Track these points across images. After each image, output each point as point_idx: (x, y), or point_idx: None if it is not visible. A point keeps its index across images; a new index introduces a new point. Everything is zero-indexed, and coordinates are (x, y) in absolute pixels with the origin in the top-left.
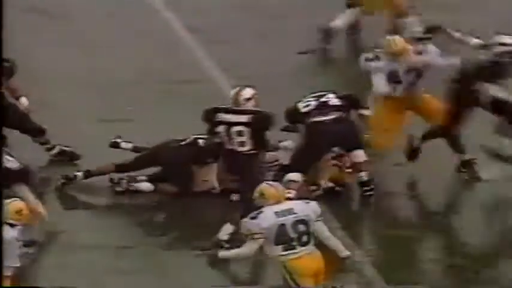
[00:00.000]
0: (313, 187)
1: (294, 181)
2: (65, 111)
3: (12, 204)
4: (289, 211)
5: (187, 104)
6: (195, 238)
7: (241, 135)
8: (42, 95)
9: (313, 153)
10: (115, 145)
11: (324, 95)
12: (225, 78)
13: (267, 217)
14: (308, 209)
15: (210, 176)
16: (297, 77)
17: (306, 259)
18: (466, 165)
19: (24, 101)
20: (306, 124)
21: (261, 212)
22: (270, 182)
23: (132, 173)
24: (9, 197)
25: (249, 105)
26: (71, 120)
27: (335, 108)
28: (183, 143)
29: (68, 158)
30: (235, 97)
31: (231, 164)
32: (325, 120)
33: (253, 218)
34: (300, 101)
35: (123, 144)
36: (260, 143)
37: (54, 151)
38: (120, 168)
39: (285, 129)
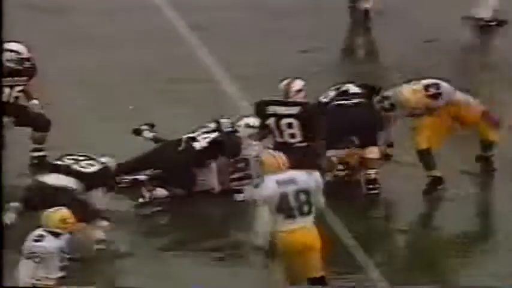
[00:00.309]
0: (341, 166)
1: None
2: (64, 109)
3: (57, 213)
4: (292, 180)
5: (188, 103)
6: (195, 238)
7: (291, 127)
8: (42, 93)
9: (333, 136)
10: (137, 132)
11: (343, 86)
12: (226, 77)
13: (269, 186)
14: (310, 179)
15: (209, 176)
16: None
17: (299, 233)
18: (482, 159)
19: (35, 103)
20: (327, 110)
21: (263, 181)
22: (271, 152)
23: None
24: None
25: (300, 97)
26: (70, 118)
27: (356, 95)
28: (181, 148)
29: (45, 166)
30: (286, 89)
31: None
32: (346, 103)
33: (255, 186)
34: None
35: (146, 133)
36: (310, 135)
37: (40, 153)
38: (117, 172)
39: None
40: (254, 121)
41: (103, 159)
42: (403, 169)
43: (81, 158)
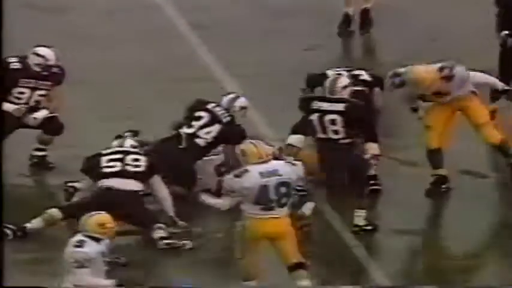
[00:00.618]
0: None
1: (292, 145)
2: (64, 109)
3: (95, 217)
4: (274, 172)
5: (189, 102)
6: (194, 237)
7: (334, 124)
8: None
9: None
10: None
11: (355, 69)
12: (226, 76)
13: (251, 177)
14: (292, 171)
15: (206, 176)
16: (301, 76)
17: (272, 223)
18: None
19: (41, 114)
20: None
21: (246, 171)
22: (253, 141)
23: None
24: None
25: (345, 94)
26: (69, 118)
27: (363, 82)
28: (183, 145)
29: (44, 166)
30: (331, 85)
31: (325, 152)
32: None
33: (237, 176)
34: (329, 68)
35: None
36: (354, 132)
37: (42, 153)
38: None
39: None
40: (245, 101)
41: (129, 145)
42: (404, 168)
43: (118, 155)
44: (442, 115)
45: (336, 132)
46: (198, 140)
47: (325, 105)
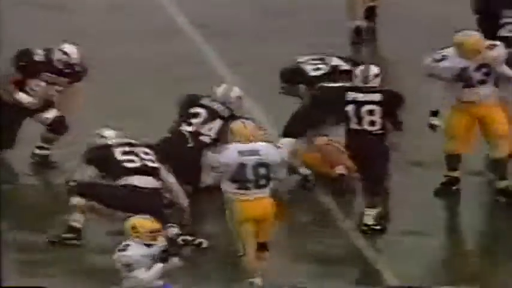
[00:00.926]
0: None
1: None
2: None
3: (130, 221)
4: (254, 152)
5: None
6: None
7: (372, 115)
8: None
9: (314, 118)
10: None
11: (331, 59)
12: (228, 74)
13: (229, 154)
14: (275, 153)
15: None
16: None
17: (253, 204)
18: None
19: (52, 113)
20: (312, 87)
21: (226, 147)
22: (243, 120)
23: None
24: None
25: (377, 82)
26: (70, 117)
27: (345, 74)
28: (190, 144)
29: (47, 164)
30: (363, 75)
31: (358, 144)
32: (333, 87)
33: (215, 152)
34: (301, 62)
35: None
36: (391, 123)
37: (44, 152)
38: None
39: (285, 93)
40: (239, 90)
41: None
42: (413, 168)
43: (128, 148)
44: (463, 122)
45: (372, 123)
46: (202, 138)
47: (361, 96)
